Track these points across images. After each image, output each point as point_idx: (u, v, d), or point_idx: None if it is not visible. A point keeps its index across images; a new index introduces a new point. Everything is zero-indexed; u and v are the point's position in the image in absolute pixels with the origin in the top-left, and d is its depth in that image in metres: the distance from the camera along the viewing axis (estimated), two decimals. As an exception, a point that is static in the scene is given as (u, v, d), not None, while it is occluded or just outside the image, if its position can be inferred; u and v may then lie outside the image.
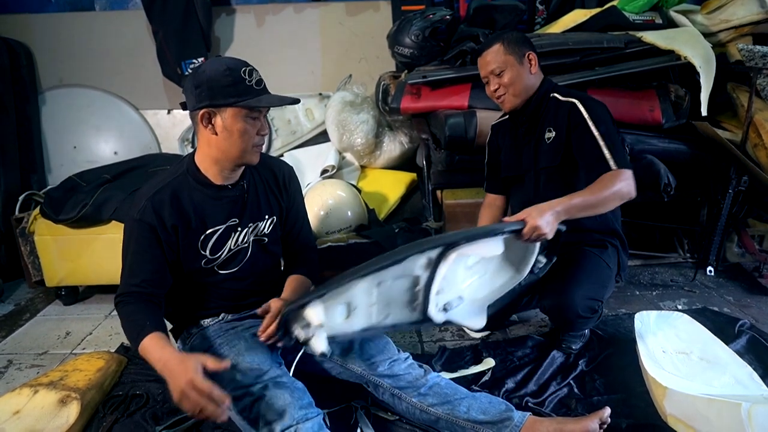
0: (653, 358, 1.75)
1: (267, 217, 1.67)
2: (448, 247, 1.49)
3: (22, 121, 3.25)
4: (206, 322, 1.65)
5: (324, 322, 1.46)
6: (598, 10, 2.80)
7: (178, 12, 3.18)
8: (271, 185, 1.70)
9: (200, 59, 3.24)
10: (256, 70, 1.50)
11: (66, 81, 3.44)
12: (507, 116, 2.14)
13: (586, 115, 1.85)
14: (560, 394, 1.79)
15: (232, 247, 1.61)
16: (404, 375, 1.59)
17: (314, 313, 1.46)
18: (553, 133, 1.94)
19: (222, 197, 1.58)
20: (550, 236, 1.60)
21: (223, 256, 1.60)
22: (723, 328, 2.10)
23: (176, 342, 1.68)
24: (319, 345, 1.48)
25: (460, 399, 1.55)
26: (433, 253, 1.49)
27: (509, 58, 1.91)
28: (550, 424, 1.50)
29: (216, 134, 1.48)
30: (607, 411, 1.52)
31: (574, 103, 1.89)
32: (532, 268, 1.74)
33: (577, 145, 1.87)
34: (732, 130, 2.64)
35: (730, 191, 2.56)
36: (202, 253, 1.57)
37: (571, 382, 1.85)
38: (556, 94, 1.96)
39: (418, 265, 1.51)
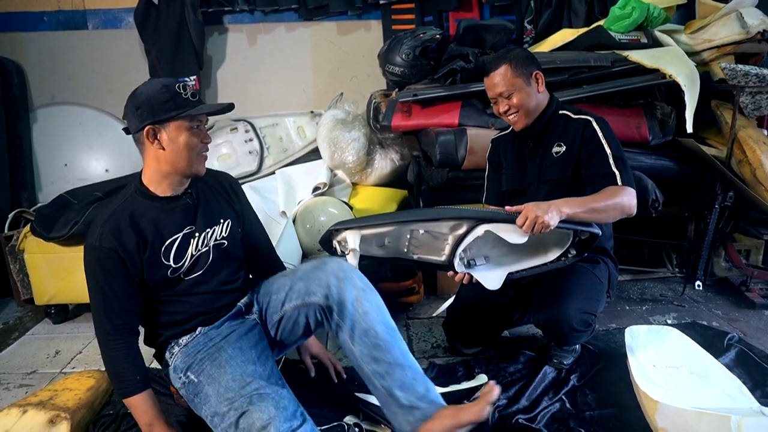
0: (644, 372, 1.76)
1: (222, 221, 1.70)
2: (480, 221, 1.77)
3: (13, 139, 3.24)
4: (184, 340, 1.64)
5: (357, 247, 1.82)
6: (585, 29, 2.87)
7: (171, 31, 3.22)
8: (219, 192, 1.74)
9: (192, 77, 3.26)
10: (189, 85, 1.57)
11: (58, 99, 3.44)
12: (508, 131, 2.17)
13: (600, 134, 1.91)
14: (552, 409, 1.80)
15: (193, 253, 1.63)
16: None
17: (351, 238, 1.83)
18: (563, 148, 1.97)
19: (173, 207, 1.61)
20: (552, 225, 1.66)
21: (186, 263, 1.61)
22: (712, 341, 2.12)
23: (160, 365, 1.70)
24: (353, 261, 1.83)
25: (387, 362, 1.53)
26: (465, 222, 1.79)
27: (517, 80, 1.93)
28: (445, 418, 1.48)
29: (163, 149, 1.53)
30: (496, 390, 1.49)
31: (589, 121, 1.95)
32: (560, 255, 1.86)
33: (588, 159, 1.92)
34: (717, 146, 2.69)
35: (716, 206, 2.59)
36: (166, 263, 1.58)
37: (563, 397, 1.86)
38: (566, 112, 2.02)
39: (448, 226, 1.82)
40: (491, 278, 1.88)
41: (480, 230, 1.77)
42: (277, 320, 1.69)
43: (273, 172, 3.20)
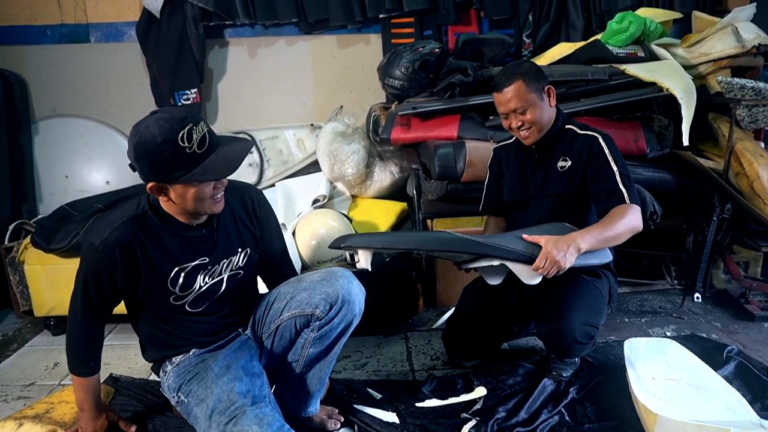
0: (643, 384, 1.76)
1: (240, 250, 1.66)
2: (482, 256, 1.82)
3: (14, 150, 3.25)
4: (177, 359, 1.64)
5: (369, 267, 1.82)
6: (582, 43, 2.89)
7: (172, 44, 3.24)
8: (241, 215, 1.68)
9: (193, 90, 3.29)
10: (197, 126, 1.40)
11: (59, 111, 3.46)
12: (512, 140, 2.18)
13: (606, 151, 1.93)
14: (551, 422, 1.79)
15: (202, 285, 1.59)
16: None
17: (364, 256, 1.82)
18: (569, 162, 1.98)
19: (189, 236, 1.56)
20: (566, 267, 1.70)
21: (193, 294, 1.58)
22: (711, 354, 2.12)
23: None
24: (363, 265, 1.84)
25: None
26: (466, 256, 1.85)
27: (531, 96, 1.92)
28: None
29: (171, 200, 1.48)
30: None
31: (596, 137, 1.96)
32: None
33: (594, 175, 1.93)
34: (714, 159, 2.70)
35: (714, 219, 2.60)
36: (171, 289, 1.55)
37: (562, 409, 1.85)
38: (572, 127, 2.03)
39: (462, 258, 1.87)
40: (492, 278, 1.93)
41: (495, 261, 1.82)
42: (273, 329, 1.67)
43: (273, 185, 3.21)
